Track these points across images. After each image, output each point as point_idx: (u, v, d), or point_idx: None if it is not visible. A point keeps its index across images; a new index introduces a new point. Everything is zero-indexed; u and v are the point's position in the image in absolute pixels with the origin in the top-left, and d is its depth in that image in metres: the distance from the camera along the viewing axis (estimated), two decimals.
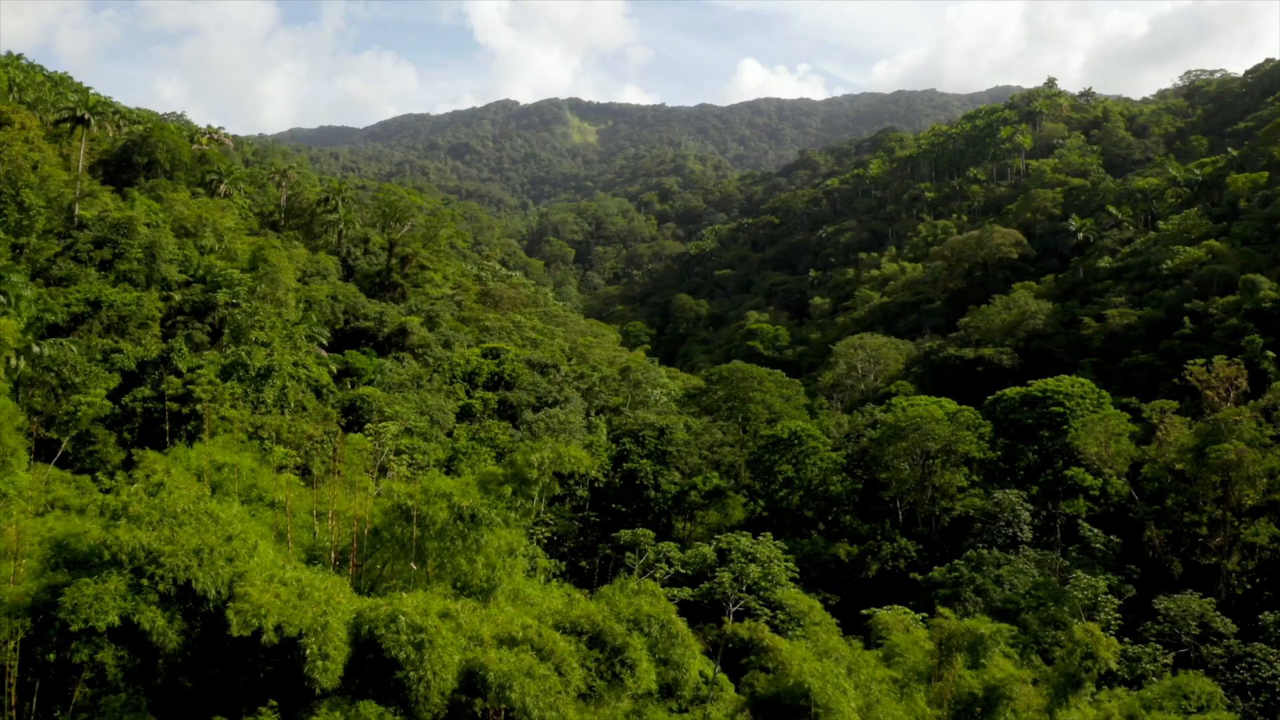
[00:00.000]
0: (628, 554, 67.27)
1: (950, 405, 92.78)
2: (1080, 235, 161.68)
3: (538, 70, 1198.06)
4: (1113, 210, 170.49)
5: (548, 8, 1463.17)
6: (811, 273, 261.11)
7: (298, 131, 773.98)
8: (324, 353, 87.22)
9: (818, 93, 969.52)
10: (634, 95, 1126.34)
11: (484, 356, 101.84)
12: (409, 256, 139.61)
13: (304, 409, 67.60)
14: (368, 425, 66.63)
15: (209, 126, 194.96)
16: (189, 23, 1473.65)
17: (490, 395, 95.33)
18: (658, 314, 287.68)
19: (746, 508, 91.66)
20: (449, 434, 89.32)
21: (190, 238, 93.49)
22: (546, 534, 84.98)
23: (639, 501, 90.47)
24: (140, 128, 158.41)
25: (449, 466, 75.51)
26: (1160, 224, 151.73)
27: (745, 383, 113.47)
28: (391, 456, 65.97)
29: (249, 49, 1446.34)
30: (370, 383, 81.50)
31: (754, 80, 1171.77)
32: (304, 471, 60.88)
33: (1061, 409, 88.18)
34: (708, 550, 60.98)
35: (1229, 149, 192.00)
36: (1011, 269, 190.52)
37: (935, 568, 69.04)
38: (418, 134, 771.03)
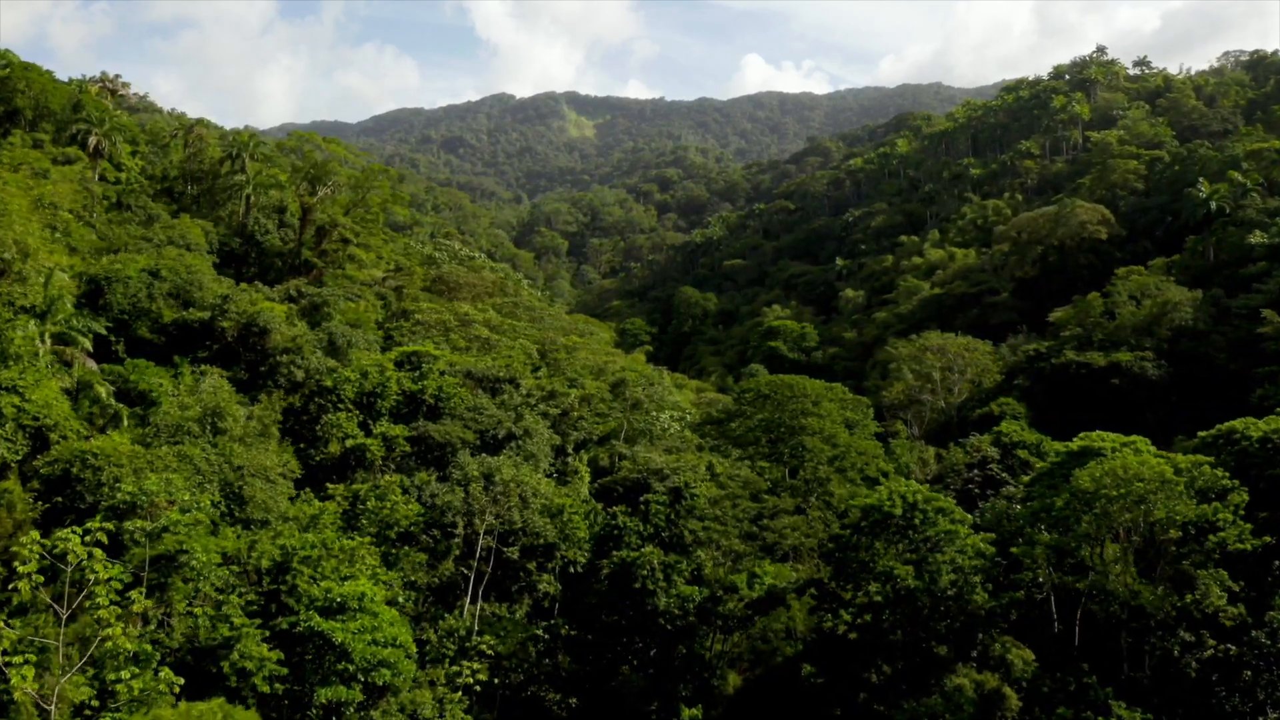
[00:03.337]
0: None
1: (1148, 448, 56.42)
2: (1212, 204, 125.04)
3: (540, 67, 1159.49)
4: (1237, 177, 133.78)
5: (550, 4, 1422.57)
6: (838, 261, 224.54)
7: (289, 126, 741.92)
8: (92, 363, 50.68)
9: (821, 89, 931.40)
10: (635, 91, 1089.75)
11: (398, 366, 65.21)
12: (326, 227, 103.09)
13: None
14: (22, 541, 29.89)
15: (103, 74, 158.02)
16: (185, 16, 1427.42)
17: (398, 430, 58.79)
18: (659, 310, 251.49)
19: (817, 616, 54.88)
20: (325, 496, 52.75)
21: None
22: (480, 674, 48.51)
23: (638, 610, 53.96)
24: (4, 71, 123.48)
25: (271, 604, 39.11)
26: None
27: (794, 402, 77.06)
28: (102, 603, 29.59)
29: (247, 43, 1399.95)
30: (143, 421, 45.04)
31: (757, 77, 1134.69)
32: None
33: None
34: None
35: None
36: (1095, 252, 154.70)
37: None
38: (412, 128, 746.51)
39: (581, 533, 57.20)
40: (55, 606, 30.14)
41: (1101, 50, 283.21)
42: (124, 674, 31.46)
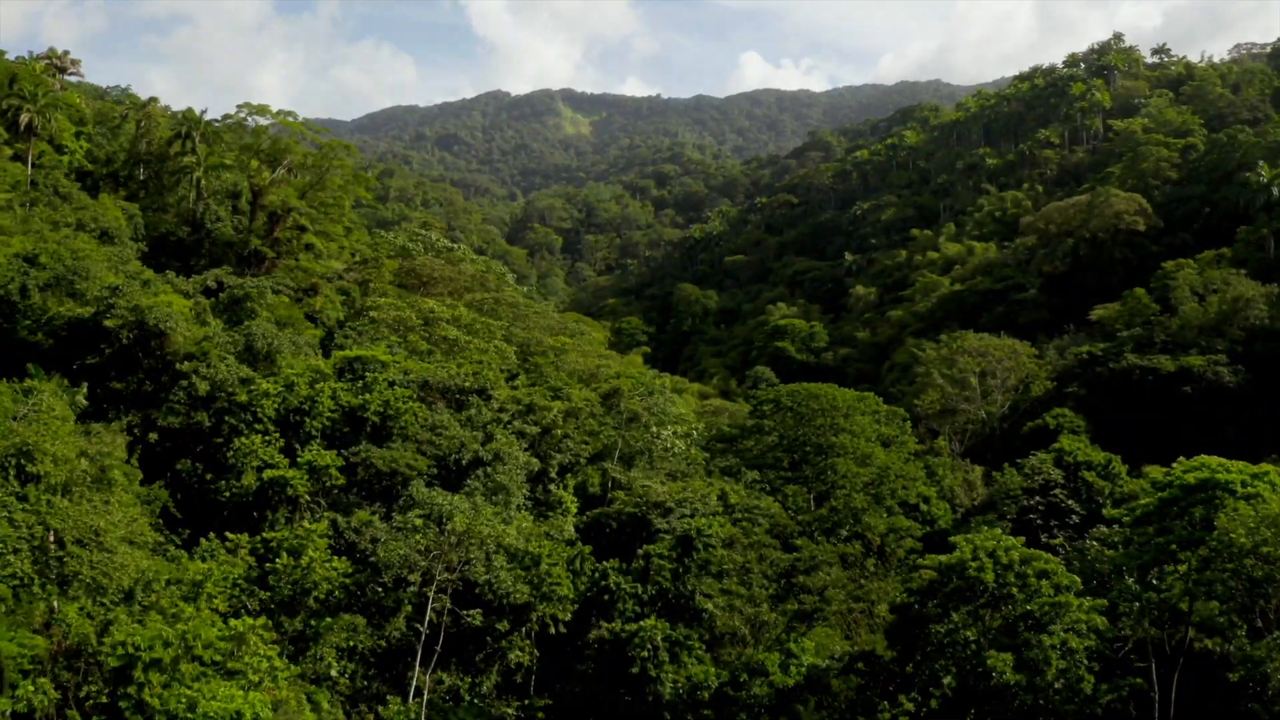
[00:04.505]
0: None
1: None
2: (1275, 190, 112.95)
3: (538, 64, 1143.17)
4: None
5: (549, 1, 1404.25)
6: (847, 256, 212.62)
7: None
8: None
9: (820, 87, 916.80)
10: (633, 89, 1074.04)
11: (338, 375, 52.80)
12: (279, 213, 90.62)
13: None
14: None
15: (51, 50, 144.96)
16: (180, 11, 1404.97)
17: (328, 458, 46.39)
18: (656, 308, 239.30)
19: (868, 699, 42.40)
20: (210, 550, 40.39)
21: None
22: None
23: (636, 698, 41.49)
24: None
25: None
26: None
27: (820, 416, 64.69)
28: None
29: (242, 39, 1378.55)
30: None
31: (755, 75, 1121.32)
32: None
33: None
34: None
35: None
36: (1131, 245, 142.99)
37: None
38: (406, 125, 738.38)
39: (564, 589, 44.77)
40: None
41: (1119, 37, 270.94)
42: None
